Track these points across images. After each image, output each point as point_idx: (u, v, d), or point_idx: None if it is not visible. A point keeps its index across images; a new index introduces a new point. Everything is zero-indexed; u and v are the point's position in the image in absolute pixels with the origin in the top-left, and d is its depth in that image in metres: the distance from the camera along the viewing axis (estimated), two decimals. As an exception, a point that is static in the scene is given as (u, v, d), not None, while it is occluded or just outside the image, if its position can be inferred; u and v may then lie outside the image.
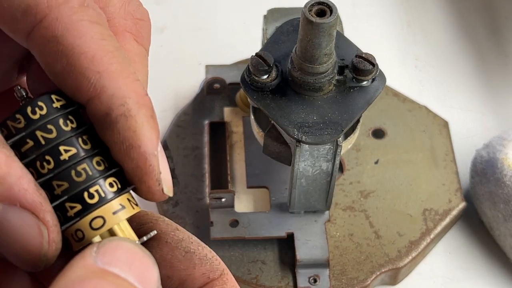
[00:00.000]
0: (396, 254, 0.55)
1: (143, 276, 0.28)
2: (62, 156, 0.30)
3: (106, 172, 0.31)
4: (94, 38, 0.30)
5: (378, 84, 0.49)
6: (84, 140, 0.31)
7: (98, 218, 0.30)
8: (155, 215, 0.32)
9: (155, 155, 0.31)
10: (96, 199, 0.30)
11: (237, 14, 0.69)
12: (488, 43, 0.68)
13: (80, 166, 0.30)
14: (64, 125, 0.30)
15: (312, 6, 0.44)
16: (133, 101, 0.30)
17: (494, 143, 0.56)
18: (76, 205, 0.30)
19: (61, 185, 0.30)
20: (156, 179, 0.31)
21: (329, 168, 0.50)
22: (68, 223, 0.30)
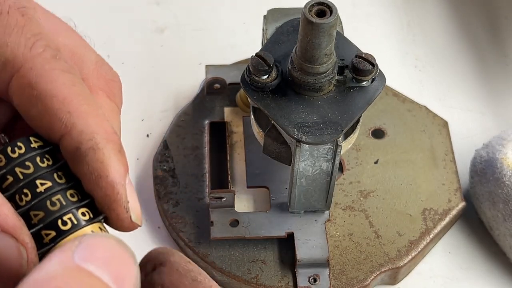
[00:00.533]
0: (395, 253, 0.55)
1: (120, 275, 0.29)
2: (39, 188, 0.33)
3: (79, 203, 0.34)
4: (65, 84, 0.34)
5: (378, 84, 0.49)
6: (59, 175, 0.34)
7: None
8: (171, 250, 0.34)
9: (123, 185, 0.34)
10: (69, 225, 0.33)
11: (237, 14, 0.70)
12: (488, 43, 0.68)
13: (55, 197, 0.33)
14: (41, 162, 0.34)
15: (312, 6, 0.44)
16: (101, 137, 0.34)
17: (494, 143, 0.56)
18: (51, 232, 0.33)
19: (38, 214, 0.33)
20: (124, 206, 0.34)
21: (329, 168, 0.50)
22: (45, 248, 0.33)
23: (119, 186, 0.34)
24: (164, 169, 0.58)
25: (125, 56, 0.66)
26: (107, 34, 0.67)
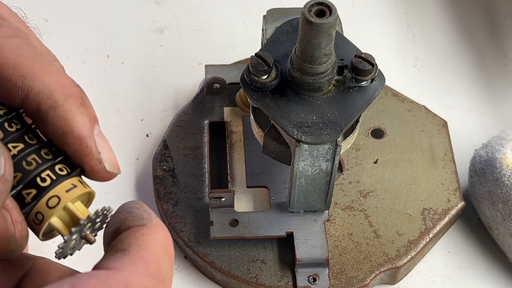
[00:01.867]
0: (395, 253, 0.55)
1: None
2: (12, 151, 0.33)
3: (55, 160, 0.34)
4: (12, 49, 0.34)
5: (378, 84, 0.49)
6: (30, 137, 0.34)
7: (54, 198, 0.33)
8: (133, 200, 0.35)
9: (90, 137, 0.34)
10: (48, 182, 0.33)
11: (237, 14, 0.70)
12: (487, 43, 0.68)
13: (30, 157, 0.33)
14: (9, 127, 0.34)
15: (311, 6, 0.44)
16: (59, 93, 0.33)
17: (493, 143, 0.56)
18: (31, 191, 0.33)
19: (15, 176, 0.33)
20: (96, 158, 0.34)
21: (329, 168, 0.50)
22: (28, 207, 0.33)
23: (87, 139, 0.34)
24: (164, 169, 0.58)
25: (125, 56, 0.66)
26: (107, 34, 0.67)
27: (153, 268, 0.32)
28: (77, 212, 0.34)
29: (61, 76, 0.34)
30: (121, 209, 0.35)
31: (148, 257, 0.32)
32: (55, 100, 0.33)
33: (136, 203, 0.35)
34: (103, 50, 0.67)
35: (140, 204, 0.35)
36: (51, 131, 0.34)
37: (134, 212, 0.34)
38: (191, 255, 0.55)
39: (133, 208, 0.34)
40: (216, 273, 0.54)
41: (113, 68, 0.65)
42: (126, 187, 0.59)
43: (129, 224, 0.33)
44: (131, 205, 0.35)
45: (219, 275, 0.54)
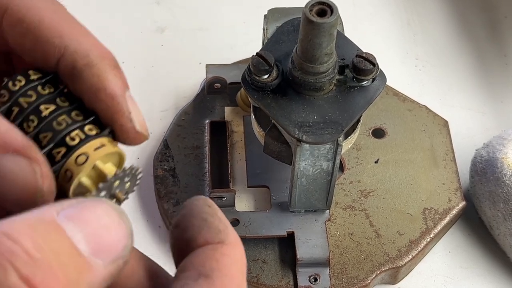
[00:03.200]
0: (396, 253, 0.55)
1: (100, 242, 0.30)
2: (43, 113, 0.34)
3: (85, 121, 0.34)
4: (52, 11, 0.35)
5: (379, 83, 0.49)
6: (61, 99, 0.34)
7: (82, 155, 0.33)
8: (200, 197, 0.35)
9: (122, 96, 0.34)
10: (77, 140, 0.34)
11: (238, 14, 0.70)
12: (488, 42, 0.68)
13: (60, 117, 0.34)
14: (42, 90, 0.34)
15: (312, 6, 0.44)
16: (95, 54, 0.34)
17: (494, 142, 0.56)
18: (60, 149, 0.34)
19: (46, 136, 0.34)
20: (126, 116, 0.34)
21: (330, 168, 0.50)
22: (58, 164, 0.33)
23: (119, 97, 0.34)
24: (165, 168, 0.58)
25: (125, 56, 0.66)
26: (107, 33, 0.67)
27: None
28: (105, 169, 0.34)
29: (96, 40, 0.35)
30: (193, 211, 0.34)
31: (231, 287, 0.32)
32: (91, 59, 0.34)
33: (208, 206, 0.34)
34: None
35: (213, 210, 0.34)
36: (84, 89, 0.34)
37: (210, 222, 0.33)
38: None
39: (207, 215, 0.34)
40: (217, 273, 0.54)
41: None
42: (126, 186, 0.59)
43: (206, 237, 0.33)
44: (205, 210, 0.34)
45: (220, 275, 0.54)
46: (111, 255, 0.30)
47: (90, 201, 0.31)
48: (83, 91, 0.34)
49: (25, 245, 0.27)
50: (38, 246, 0.27)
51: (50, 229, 0.28)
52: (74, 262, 0.28)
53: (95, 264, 0.29)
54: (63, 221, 0.29)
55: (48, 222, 0.29)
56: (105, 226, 0.30)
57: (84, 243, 0.29)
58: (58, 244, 0.28)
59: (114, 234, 0.30)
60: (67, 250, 0.28)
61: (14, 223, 0.28)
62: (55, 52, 0.34)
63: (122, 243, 0.30)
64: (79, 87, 0.34)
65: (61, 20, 0.35)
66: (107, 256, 0.30)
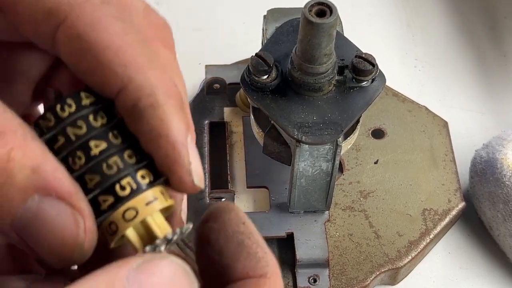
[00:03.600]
0: (395, 254, 0.55)
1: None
2: (93, 151, 0.30)
3: (138, 165, 0.31)
4: (118, 33, 0.30)
5: (378, 84, 0.49)
6: (114, 135, 0.31)
7: (131, 210, 0.30)
8: (230, 207, 0.32)
9: (184, 144, 0.30)
10: (128, 191, 0.30)
11: (237, 14, 0.69)
12: (488, 43, 0.68)
13: (111, 159, 0.30)
14: (94, 121, 0.30)
15: (312, 6, 0.44)
16: (161, 92, 0.30)
17: (494, 143, 0.56)
18: (108, 198, 0.30)
19: (93, 179, 0.30)
20: (186, 169, 0.30)
21: (329, 168, 0.50)
22: (103, 216, 0.30)
23: (181, 146, 0.30)
24: (164, 169, 0.58)
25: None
26: (107, 34, 0.67)
27: None
28: (155, 229, 0.30)
29: (164, 73, 0.31)
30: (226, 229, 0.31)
31: None
32: (156, 99, 0.30)
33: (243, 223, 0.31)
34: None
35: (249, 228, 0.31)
36: (143, 130, 0.30)
37: (248, 247, 0.30)
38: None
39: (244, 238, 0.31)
40: (216, 274, 0.54)
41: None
42: (126, 187, 0.59)
43: (245, 267, 0.30)
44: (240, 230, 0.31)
45: (219, 276, 0.54)
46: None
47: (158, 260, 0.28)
48: (141, 132, 0.30)
49: None
50: None
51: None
52: None
53: None
54: None
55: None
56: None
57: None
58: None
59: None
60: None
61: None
62: (116, 82, 0.30)
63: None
64: (137, 127, 0.30)
65: (128, 43, 0.30)
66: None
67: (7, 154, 0.27)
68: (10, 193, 0.27)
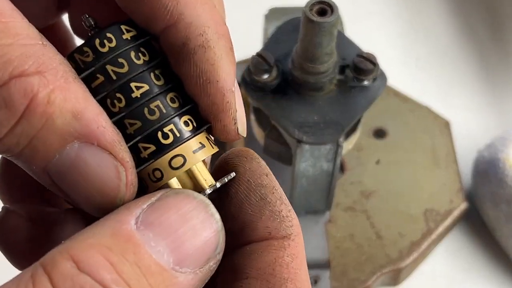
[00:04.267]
0: (397, 254, 0.54)
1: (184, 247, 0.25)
2: (134, 93, 0.28)
3: (181, 110, 0.29)
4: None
5: (380, 84, 0.49)
6: (156, 75, 0.29)
7: (178, 157, 0.28)
8: (252, 155, 0.30)
9: (233, 91, 0.28)
10: (171, 139, 0.28)
11: (238, 13, 0.69)
12: (490, 43, 0.68)
13: (153, 103, 0.28)
14: (136, 59, 0.28)
15: (313, 5, 0.44)
16: (212, 31, 0.28)
17: (496, 143, 0.56)
18: (150, 146, 0.28)
19: (134, 124, 0.28)
20: (233, 117, 0.29)
21: (330, 168, 0.50)
22: (143, 165, 0.28)
23: (229, 93, 0.28)
24: (164, 169, 0.58)
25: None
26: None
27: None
28: (201, 179, 0.29)
29: (214, 9, 0.29)
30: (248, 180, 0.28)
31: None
32: (207, 39, 0.28)
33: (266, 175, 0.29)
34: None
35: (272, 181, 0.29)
36: (191, 74, 0.28)
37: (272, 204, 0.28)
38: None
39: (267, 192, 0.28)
40: (217, 275, 0.54)
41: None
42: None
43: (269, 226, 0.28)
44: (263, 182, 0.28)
45: (220, 277, 0.54)
46: (201, 260, 0.26)
47: (172, 196, 0.26)
48: (188, 75, 0.28)
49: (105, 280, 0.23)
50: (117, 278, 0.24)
51: (127, 248, 0.24)
52: (157, 281, 0.24)
53: (181, 275, 0.25)
54: (142, 232, 0.25)
55: (125, 239, 0.24)
56: (191, 228, 0.26)
57: (168, 253, 0.25)
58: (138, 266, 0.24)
59: (203, 235, 0.26)
60: (149, 270, 0.24)
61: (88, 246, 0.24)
62: (165, 17, 0.27)
63: (213, 244, 0.26)
64: (184, 69, 0.28)
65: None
66: (196, 262, 0.25)
67: (47, 96, 0.25)
68: (48, 138, 0.25)
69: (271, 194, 0.28)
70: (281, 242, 0.27)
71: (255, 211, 0.28)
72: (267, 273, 0.27)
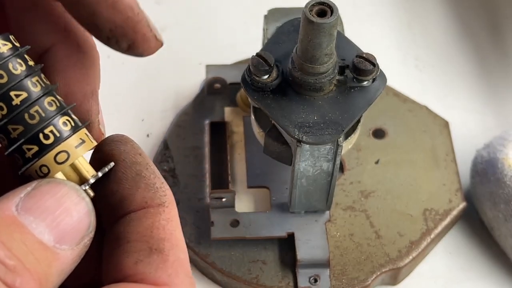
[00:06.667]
0: (396, 254, 0.55)
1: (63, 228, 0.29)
2: (14, 101, 0.31)
3: (59, 111, 0.32)
4: None
5: (379, 84, 0.49)
6: (33, 83, 0.32)
7: (62, 153, 0.32)
8: (125, 139, 0.33)
9: (138, 5, 0.32)
10: (51, 139, 0.32)
11: (238, 14, 0.69)
12: (489, 43, 0.68)
13: (33, 109, 0.31)
14: (14, 69, 0.31)
15: (312, 6, 0.44)
16: None
17: (495, 143, 0.56)
18: (33, 147, 0.32)
19: (17, 128, 0.31)
20: (148, 25, 0.32)
21: (330, 168, 0.50)
22: (28, 164, 0.32)
23: (137, 5, 0.32)
24: (164, 169, 0.58)
25: (125, 56, 0.66)
26: (107, 34, 0.67)
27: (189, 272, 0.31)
28: (84, 171, 0.32)
29: None
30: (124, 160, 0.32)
31: (183, 259, 0.31)
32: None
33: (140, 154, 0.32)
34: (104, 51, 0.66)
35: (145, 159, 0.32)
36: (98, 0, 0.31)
37: (146, 178, 0.32)
38: (192, 256, 0.55)
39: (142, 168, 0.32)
40: (217, 274, 0.54)
41: (114, 68, 0.65)
42: (126, 187, 0.59)
43: (145, 197, 0.31)
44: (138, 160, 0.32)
45: (220, 276, 0.54)
46: (76, 238, 0.30)
47: (45, 185, 0.30)
48: (96, 2, 0.31)
49: None
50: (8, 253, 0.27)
51: (12, 229, 0.28)
52: (42, 256, 0.28)
53: (61, 251, 0.29)
54: (23, 216, 0.28)
55: (9, 222, 0.28)
56: (65, 209, 0.30)
57: (48, 233, 0.29)
58: (24, 244, 0.28)
59: (76, 215, 0.30)
60: (34, 247, 0.28)
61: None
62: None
63: (85, 223, 0.30)
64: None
65: None
66: (72, 240, 0.29)
67: None
68: None
69: (145, 169, 0.32)
70: (156, 209, 0.31)
71: (132, 185, 0.32)
72: (146, 235, 0.31)
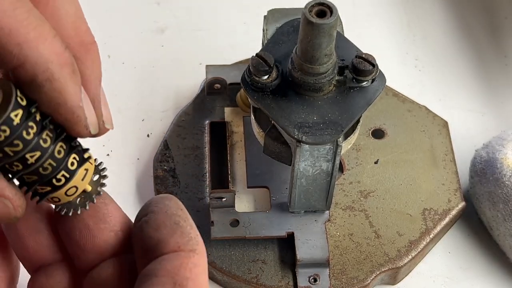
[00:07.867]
0: (395, 253, 0.55)
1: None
2: (29, 161, 0.34)
3: (68, 155, 0.35)
4: (7, 11, 0.32)
5: (378, 84, 0.49)
6: (44, 139, 0.34)
7: (72, 188, 0.36)
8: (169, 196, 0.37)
9: (80, 106, 0.34)
10: (62, 181, 0.35)
11: (238, 14, 0.70)
12: (488, 43, 0.68)
13: (46, 163, 0.34)
14: (27, 135, 0.34)
15: (312, 7, 0.44)
16: (55, 64, 0.33)
17: (494, 143, 0.56)
18: (46, 188, 0.35)
19: (31, 177, 0.35)
20: (84, 125, 0.35)
21: (329, 168, 0.50)
22: (43, 198, 0.36)
23: (78, 109, 0.34)
24: (165, 169, 0.58)
25: (126, 56, 0.66)
26: (108, 34, 0.67)
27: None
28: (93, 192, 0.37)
29: (53, 38, 0.33)
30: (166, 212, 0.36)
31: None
32: (52, 73, 0.33)
33: (181, 209, 0.36)
34: (104, 51, 0.66)
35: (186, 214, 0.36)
36: (43, 101, 0.34)
37: (183, 227, 0.35)
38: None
39: (180, 220, 0.36)
40: (217, 273, 0.54)
41: (114, 68, 0.65)
42: (126, 187, 0.59)
43: (178, 242, 0.35)
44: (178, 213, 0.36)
45: (220, 275, 0.54)
46: None
47: None
48: (41, 101, 0.34)
49: None
50: None
51: None
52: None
53: None
54: None
55: None
56: None
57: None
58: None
59: None
60: None
61: None
62: (13, 61, 0.33)
63: None
64: (37, 97, 0.34)
65: (18, 19, 0.32)
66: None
67: None
68: None
69: (183, 221, 0.36)
70: (187, 253, 0.34)
71: (169, 232, 0.35)
72: (174, 272, 0.33)
